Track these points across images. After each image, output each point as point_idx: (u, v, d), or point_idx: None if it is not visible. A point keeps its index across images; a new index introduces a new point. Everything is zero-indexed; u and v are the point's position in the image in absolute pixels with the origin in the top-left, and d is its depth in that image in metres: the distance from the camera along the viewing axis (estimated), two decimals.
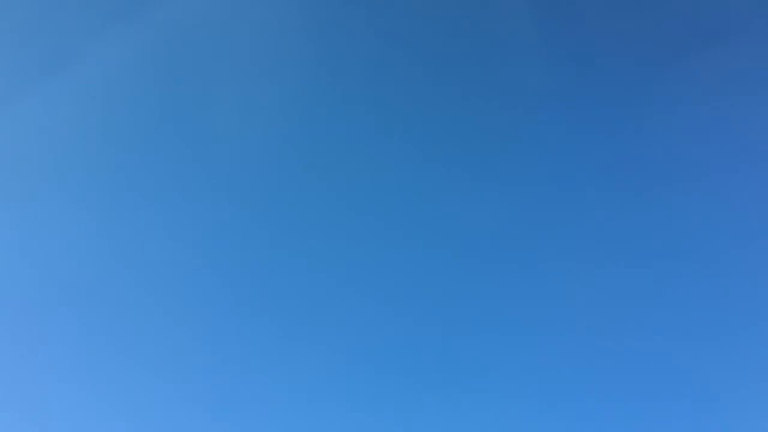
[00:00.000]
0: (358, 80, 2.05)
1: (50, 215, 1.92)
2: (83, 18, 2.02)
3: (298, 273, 1.92)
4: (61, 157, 1.95)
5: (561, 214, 1.97)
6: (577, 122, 2.04)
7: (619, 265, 1.92)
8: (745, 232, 1.93)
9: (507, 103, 2.04)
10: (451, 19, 2.09)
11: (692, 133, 2.02)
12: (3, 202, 1.92)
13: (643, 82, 2.06)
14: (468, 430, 1.80)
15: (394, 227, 1.95)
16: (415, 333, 1.88)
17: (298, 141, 2.02)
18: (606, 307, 1.89)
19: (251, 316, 1.89)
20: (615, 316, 1.88)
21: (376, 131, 2.03)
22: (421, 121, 2.03)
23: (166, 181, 1.96)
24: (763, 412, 1.78)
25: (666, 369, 1.84)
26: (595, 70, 2.07)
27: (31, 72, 1.99)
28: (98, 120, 1.99)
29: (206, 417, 1.80)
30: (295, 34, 2.06)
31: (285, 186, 1.98)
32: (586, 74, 2.07)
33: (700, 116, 2.03)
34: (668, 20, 2.09)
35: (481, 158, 2.01)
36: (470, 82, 2.06)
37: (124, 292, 1.88)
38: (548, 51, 2.08)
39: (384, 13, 2.08)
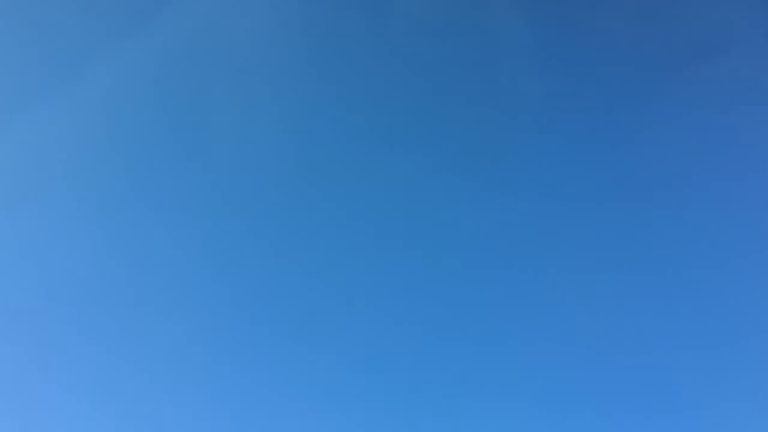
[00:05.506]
0: (357, 89, 2.07)
1: (54, 220, 1.94)
2: (89, 29, 2.06)
3: (298, 279, 1.93)
4: (65, 164, 1.98)
5: (560, 221, 1.97)
6: (577, 130, 2.05)
7: (619, 272, 1.93)
8: (744, 240, 1.94)
9: (507, 110, 2.06)
10: (452, 29, 2.12)
11: (691, 142, 2.03)
12: (9, 207, 1.94)
13: (644, 91, 2.07)
14: None
15: (392, 234, 1.96)
16: (414, 338, 1.88)
17: (299, 150, 2.03)
18: (604, 313, 1.90)
19: (252, 322, 1.90)
20: (613, 323, 1.89)
21: (375, 139, 2.04)
22: (420, 129, 2.05)
23: (167, 187, 1.98)
24: (760, 417, 1.78)
25: (665, 374, 1.84)
26: (597, 79, 2.08)
27: (38, 80, 2.01)
28: (102, 128, 2.01)
29: (205, 419, 1.81)
30: (296, 45, 2.08)
31: (285, 193, 2.00)
32: (587, 83, 2.08)
33: (699, 125, 2.04)
34: (669, 31, 2.10)
35: (481, 165, 2.03)
36: (470, 89, 2.07)
37: (125, 297, 1.89)
38: (549, 60, 2.09)
39: (383, 22, 2.10)
